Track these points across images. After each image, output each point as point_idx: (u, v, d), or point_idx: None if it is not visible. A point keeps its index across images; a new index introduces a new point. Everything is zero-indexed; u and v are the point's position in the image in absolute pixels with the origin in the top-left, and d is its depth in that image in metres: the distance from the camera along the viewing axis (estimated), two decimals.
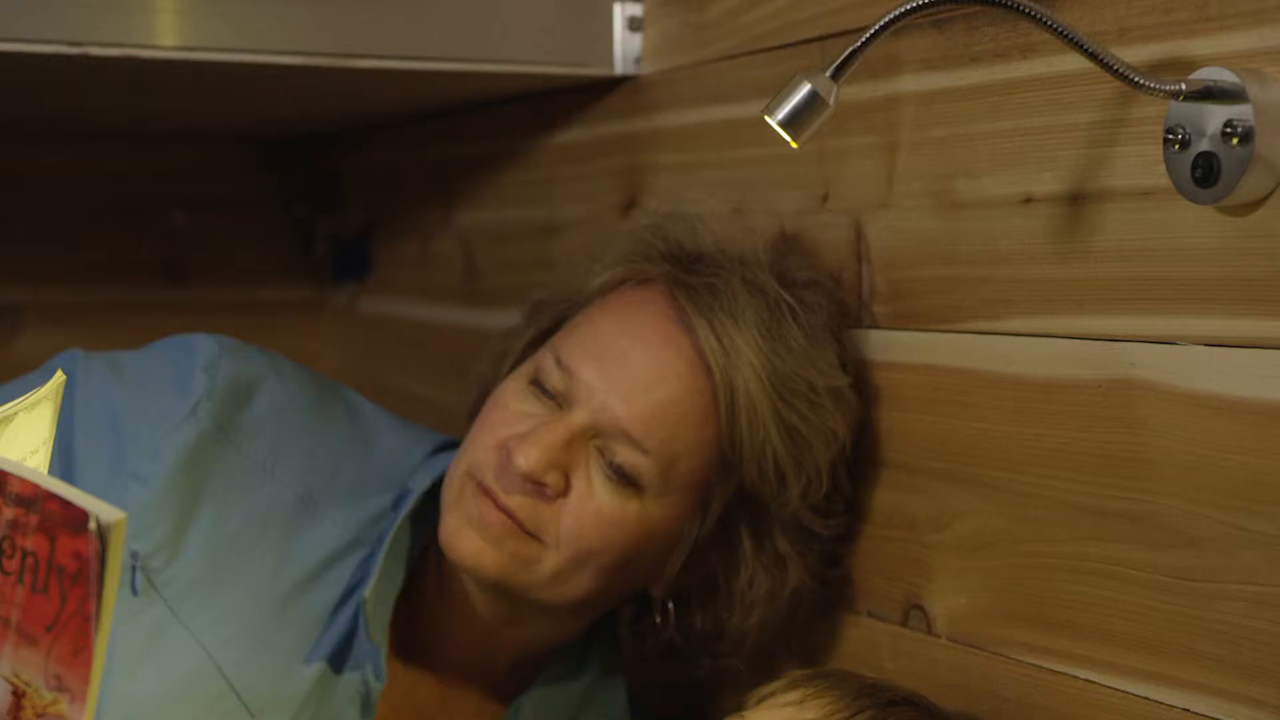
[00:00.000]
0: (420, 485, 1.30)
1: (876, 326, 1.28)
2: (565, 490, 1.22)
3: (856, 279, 1.29)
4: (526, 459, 1.20)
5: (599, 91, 1.62)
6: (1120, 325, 1.06)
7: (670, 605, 1.31)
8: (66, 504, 0.76)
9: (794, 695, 1.11)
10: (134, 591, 1.21)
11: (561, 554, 1.22)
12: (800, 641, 1.33)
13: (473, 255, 1.89)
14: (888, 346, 1.26)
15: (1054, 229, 1.11)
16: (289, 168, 2.27)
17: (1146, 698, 1.05)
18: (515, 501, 1.21)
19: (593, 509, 1.22)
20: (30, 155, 2.11)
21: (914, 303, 1.24)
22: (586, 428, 1.22)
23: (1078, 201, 1.09)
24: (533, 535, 1.22)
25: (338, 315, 2.26)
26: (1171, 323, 1.03)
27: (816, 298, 1.27)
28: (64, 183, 2.14)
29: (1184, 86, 0.97)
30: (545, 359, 1.26)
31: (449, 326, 1.95)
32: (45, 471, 0.91)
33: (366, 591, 1.23)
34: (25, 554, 0.78)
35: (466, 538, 1.22)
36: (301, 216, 2.26)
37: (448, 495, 1.25)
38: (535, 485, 1.21)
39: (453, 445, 1.37)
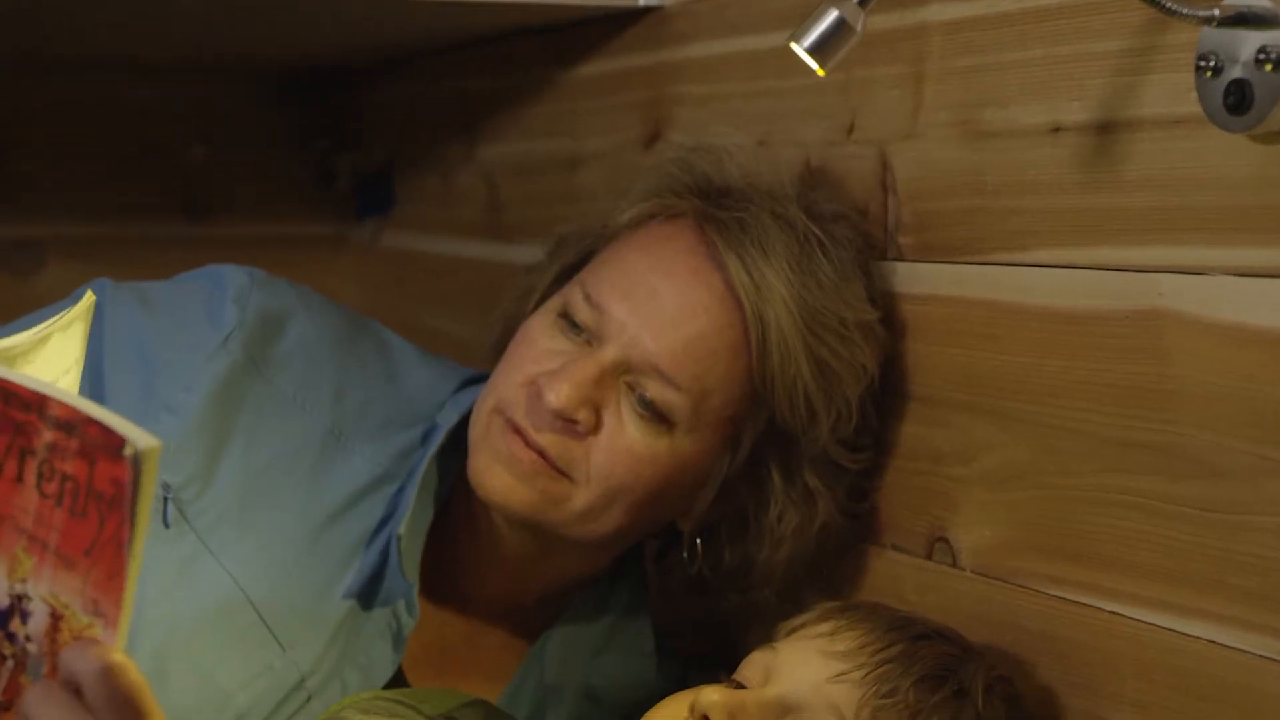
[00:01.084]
0: (449, 421, 1.30)
1: (902, 258, 1.27)
2: (596, 427, 1.22)
3: (882, 210, 1.28)
4: (558, 396, 1.20)
5: (622, 23, 1.61)
6: (1148, 256, 1.05)
7: (698, 540, 1.31)
8: (106, 429, 0.76)
9: (825, 627, 1.11)
10: (165, 523, 1.22)
11: (592, 491, 1.22)
12: (825, 575, 1.33)
13: (496, 189, 1.89)
14: (913, 279, 1.26)
15: (1083, 159, 1.10)
16: (309, 103, 2.26)
17: (1171, 629, 1.04)
18: (546, 439, 1.21)
19: (624, 445, 1.21)
20: (51, 90, 2.10)
21: (940, 234, 1.23)
22: (617, 364, 1.21)
23: (1107, 131, 1.08)
24: (563, 473, 1.22)
25: (360, 251, 2.26)
26: (1200, 253, 1.02)
27: (844, 231, 1.26)
28: (85, 117, 2.13)
29: (1217, 12, 0.95)
30: (574, 294, 1.25)
31: (472, 261, 1.95)
32: (75, 391, 0.91)
33: (400, 528, 1.24)
34: (64, 478, 0.78)
35: (496, 475, 1.22)
36: (322, 152, 2.25)
37: (474, 431, 1.25)
38: (566, 423, 1.21)
39: (479, 379, 1.37)
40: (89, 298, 0.95)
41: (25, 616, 0.81)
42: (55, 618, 0.80)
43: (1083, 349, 1.10)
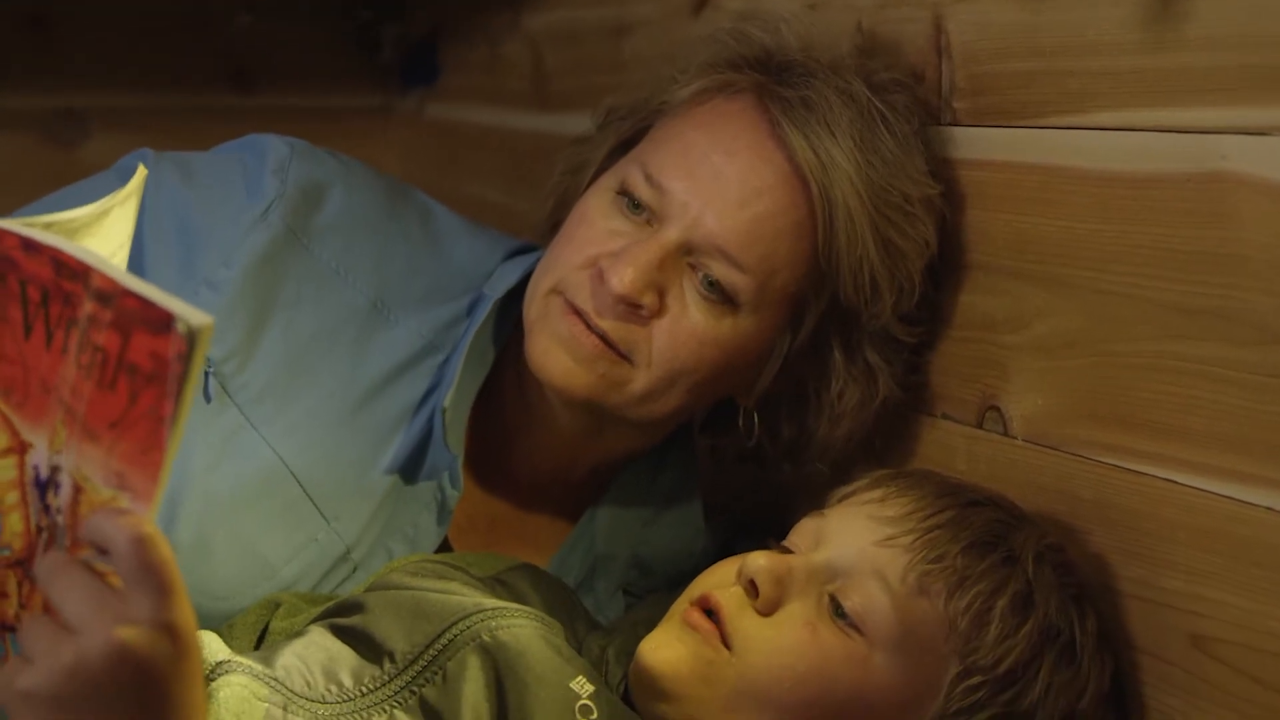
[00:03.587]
0: (497, 291, 1.29)
1: (957, 123, 1.24)
2: (660, 310, 1.20)
3: (936, 74, 1.26)
4: (621, 280, 1.18)
5: None
6: (1211, 117, 1.03)
7: (756, 416, 1.30)
8: (147, 303, 0.75)
9: (876, 493, 1.10)
10: (207, 398, 1.22)
11: (653, 374, 1.21)
12: (875, 445, 1.32)
13: (542, 58, 1.86)
14: (968, 144, 1.24)
15: (1144, 17, 1.07)
16: None
17: (1229, 497, 1.03)
18: (608, 324, 1.19)
19: (687, 328, 1.20)
20: None
21: (996, 98, 1.21)
22: (681, 245, 1.20)
23: None
24: (625, 357, 1.20)
25: (405, 121, 2.25)
26: (1266, 114, 0.99)
27: (904, 100, 1.23)
28: None
29: None
30: (632, 172, 1.22)
31: (518, 131, 1.93)
32: (126, 264, 0.90)
33: (445, 400, 1.23)
34: (96, 349, 0.78)
35: (555, 358, 1.21)
36: (367, 21, 2.23)
37: (531, 311, 1.24)
38: (630, 307, 1.19)
39: (526, 249, 1.36)
40: (142, 171, 0.93)
41: (58, 488, 0.81)
42: (76, 490, 0.80)
43: (1142, 213, 1.08)
